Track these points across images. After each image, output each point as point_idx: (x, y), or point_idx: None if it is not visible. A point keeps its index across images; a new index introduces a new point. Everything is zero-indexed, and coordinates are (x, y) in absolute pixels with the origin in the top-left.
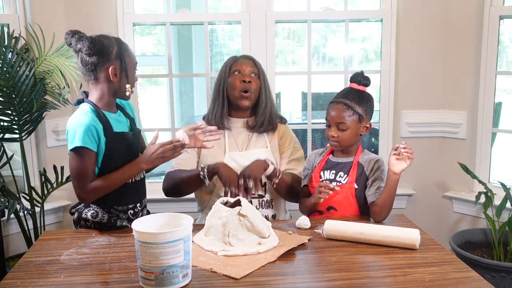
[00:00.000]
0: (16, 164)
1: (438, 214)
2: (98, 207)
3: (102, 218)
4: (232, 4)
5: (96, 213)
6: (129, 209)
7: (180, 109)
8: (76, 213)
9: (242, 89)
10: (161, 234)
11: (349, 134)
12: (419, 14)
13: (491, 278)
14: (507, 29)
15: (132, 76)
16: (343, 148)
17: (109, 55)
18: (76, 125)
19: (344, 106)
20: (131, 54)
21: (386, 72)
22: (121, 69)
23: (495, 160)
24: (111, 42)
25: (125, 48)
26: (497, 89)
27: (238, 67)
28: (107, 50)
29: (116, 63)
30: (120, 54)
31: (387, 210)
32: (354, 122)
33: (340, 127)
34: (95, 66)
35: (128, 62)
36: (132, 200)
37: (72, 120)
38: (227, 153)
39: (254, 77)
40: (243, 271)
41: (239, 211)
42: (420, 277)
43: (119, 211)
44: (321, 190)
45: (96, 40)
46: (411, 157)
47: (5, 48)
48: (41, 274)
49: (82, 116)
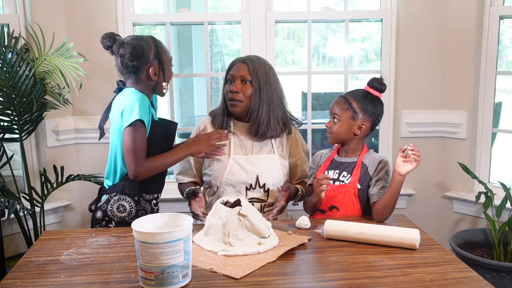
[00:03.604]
0: (16, 164)
1: (438, 214)
2: (127, 197)
3: (130, 213)
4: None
5: (122, 207)
6: (153, 199)
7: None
8: (99, 212)
9: (229, 98)
10: (161, 234)
11: (340, 127)
12: (419, 14)
13: (491, 278)
14: (507, 29)
15: (169, 73)
16: (336, 141)
17: (148, 57)
18: (132, 102)
19: (343, 99)
20: (167, 51)
21: (386, 72)
22: (159, 68)
23: (495, 160)
24: (148, 44)
25: (161, 46)
26: (497, 89)
27: (231, 72)
28: (146, 52)
29: (155, 63)
30: (158, 54)
31: (390, 210)
32: (347, 117)
33: (334, 119)
34: (136, 69)
35: (165, 60)
36: (158, 188)
37: (125, 100)
38: (231, 156)
39: (246, 85)
40: (243, 271)
41: (239, 211)
42: (420, 277)
43: (146, 200)
44: (320, 182)
45: (137, 46)
46: (417, 160)
47: (5, 48)
48: (41, 274)
49: (135, 94)
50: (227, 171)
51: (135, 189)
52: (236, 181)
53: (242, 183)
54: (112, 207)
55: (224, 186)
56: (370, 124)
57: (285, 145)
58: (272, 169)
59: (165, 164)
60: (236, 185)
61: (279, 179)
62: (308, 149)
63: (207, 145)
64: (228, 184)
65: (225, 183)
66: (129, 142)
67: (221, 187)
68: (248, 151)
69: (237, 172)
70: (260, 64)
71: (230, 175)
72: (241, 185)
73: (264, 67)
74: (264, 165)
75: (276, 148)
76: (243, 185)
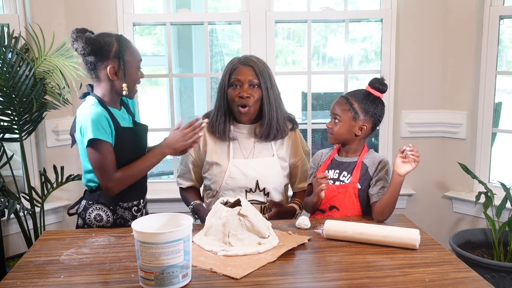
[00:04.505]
0: (16, 164)
1: (438, 214)
2: (103, 206)
3: (107, 222)
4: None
5: (99, 216)
6: (134, 206)
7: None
8: (80, 219)
9: (239, 104)
10: (161, 234)
11: (341, 128)
12: (419, 14)
13: (491, 278)
14: (507, 29)
15: (133, 75)
16: (336, 142)
17: (107, 54)
18: (85, 119)
19: (344, 100)
20: (134, 52)
21: (386, 72)
22: (120, 68)
23: (495, 160)
24: (111, 41)
25: (126, 46)
26: (497, 89)
27: (237, 76)
28: (105, 49)
29: (114, 62)
30: (119, 52)
31: (390, 210)
32: (348, 118)
33: (335, 120)
34: (94, 65)
35: (128, 60)
36: (137, 195)
37: (80, 116)
38: (230, 160)
39: (254, 89)
40: (243, 271)
41: (239, 211)
42: (420, 277)
43: (124, 208)
44: (319, 181)
45: (92, 40)
46: (417, 160)
47: (5, 48)
48: (41, 274)
49: (89, 109)
50: (226, 176)
51: (110, 199)
52: (236, 186)
53: (241, 187)
54: (90, 216)
55: (223, 191)
56: (371, 125)
57: (285, 145)
58: (272, 173)
59: (137, 173)
60: (235, 189)
61: (279, 182)
62: (309, 150)
63: (183, 143)
64: (228, 189)
65: (224, 188)
66: (93, 161)
67: (221, 192)
68: (249, 154)
69: (237, 177)
70: (262, 65)
71: (230, 180)
72: (241, 189)
73: (266, 67)
74: (264, 169)
75: (276, 151)
76: (242, 189)
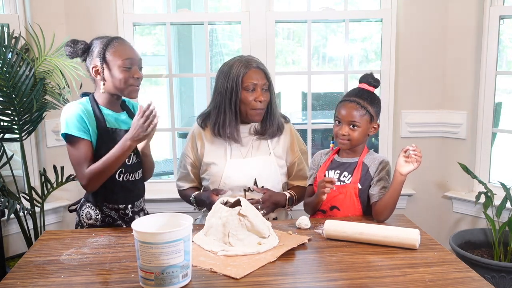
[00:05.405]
0: (16, 164)
1: (438, 214)
2: (91, 204)
3: (96, 220)
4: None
5: (89, 214)
6: (120, 209)
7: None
8: (77, 216)
9: (255, 107)
10: (161, 234)
11: (360, 133)
12: (419, 14)
13: (491, 278)
14: (507, 29)
15: (116, 75)
16: (352, 147)
17: (91, 54)
18: (64, 115)
19: (358, 105)
20: (118, 51)
21: (386, 72)
22: (102, 67)
23: (495, 160)
24: (100, 42)
25: (113, 47)
26: (497, 89)
27: (252, 81)
28: (91, 49)
29: (97, 61)
30: (103, 52)
31: (390, 210)
32: (365, 122)
33: (352, 126)
34: (87, 68)
35: (110, 60)
36: (123, 200)
37: (62, 111)
38: (228, 160)
39: (265, 92)
40: (243, 271)
41: (239, 211)
42: (420, 277)
43: (110, 208)
44: (325, 185)
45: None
46: (419, 160)
47: (5, 48)
48: (41, 274)
49: (70, 106)
50: (224, 176)
51: (96, 197)
52: (234, 185)
53: (240, 186)
54: (82, 213)
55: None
56: (378, 122)
57: (281, 144)
58: (269, 171)
59: (104, 168)
60: (234, 189)
61: (277, 180)
62: (306, 148)
63: (143, 133)
64: (226, 189)
65: (222, 188)
66: (69, 157)
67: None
68: (247, 153)
69: (234, 176)
70: (266, 67)
71: (228, 179)
72: (239, 189)
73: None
74: (261, 167)
75: (273, 149)
76: (241, 188)
